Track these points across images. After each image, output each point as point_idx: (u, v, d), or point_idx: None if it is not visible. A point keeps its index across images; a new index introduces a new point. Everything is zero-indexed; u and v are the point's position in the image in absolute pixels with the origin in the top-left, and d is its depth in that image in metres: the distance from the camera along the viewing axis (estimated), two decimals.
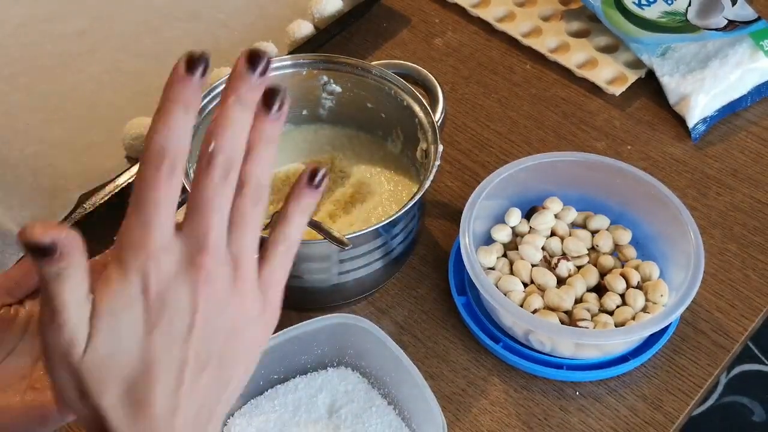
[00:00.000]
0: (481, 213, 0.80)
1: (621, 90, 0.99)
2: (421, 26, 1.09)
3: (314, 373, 0.74)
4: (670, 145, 0.95)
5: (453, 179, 0.92)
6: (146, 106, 0.98)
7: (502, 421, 0.74)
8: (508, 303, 0.73)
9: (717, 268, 0.84)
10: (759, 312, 0.81)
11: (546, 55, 1.04)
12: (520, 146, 0.95)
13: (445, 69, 1.03)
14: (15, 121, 0.98)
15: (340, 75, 0.85)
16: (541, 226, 0.82)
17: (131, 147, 0.92)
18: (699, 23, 0.99)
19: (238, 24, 1.09)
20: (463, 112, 0.99)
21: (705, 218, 0.88)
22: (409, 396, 0.71)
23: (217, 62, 1.00)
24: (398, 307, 0.82)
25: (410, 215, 0.77)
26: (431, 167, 0.75)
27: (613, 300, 0.77)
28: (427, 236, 0.87)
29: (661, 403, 0.75)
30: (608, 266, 0.80)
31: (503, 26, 1.07)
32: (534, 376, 0.77)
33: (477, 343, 0.79)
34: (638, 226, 0.82)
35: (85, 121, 0.98)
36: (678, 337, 0.79)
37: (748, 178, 0.92)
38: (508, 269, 0.80)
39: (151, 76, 1.03)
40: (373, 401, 0.73)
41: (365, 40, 1.07)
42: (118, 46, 1.07)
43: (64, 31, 1.08)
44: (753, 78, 0.97)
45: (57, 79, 1.03)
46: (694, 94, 0.95)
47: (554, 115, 0.98)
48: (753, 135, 0.96)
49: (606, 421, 0.74)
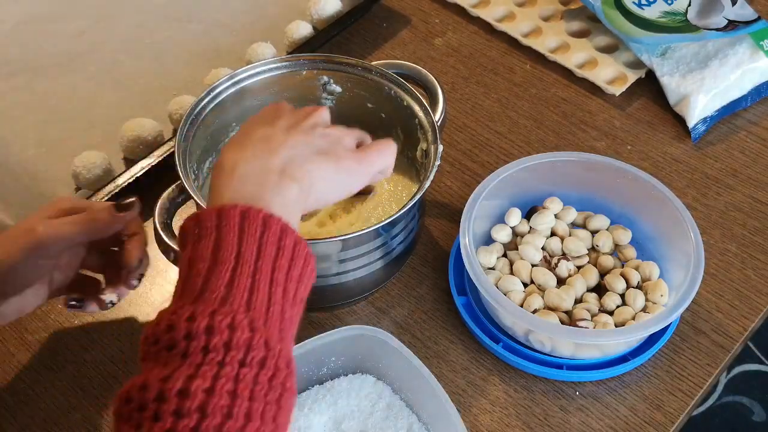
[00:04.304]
0: (481, 213, 0.80)
1: (621, 90, 0.99)
2: (421, 26, 1.09)
3: (337, 379, 0.74)
4: (670, 145, 0.95)
5: (453, 179, 0.92)
6: (145, 107, 0.98)
7: (502, 421, 0.74)
8: (508, 303, 0.73)
9: (717, 268, 0.84)
10: (759, 312, 0.81)
11: (546, 55, 1.04)
12: (520, 146, 0.95)
13: (445, 69, 1.03)
14: (14, 121, 0.98)
15: (340, 75, 0.85)
16: (541, 226, 0.82)
17: (128, 148, 0.92)
18: (699, 23, 0.99)
19: (237, 25, 1.09)
20: (463, 112, 0.99)
21: (705, 218, 0.88)
22: (432, 412, 0.70)
23: (216, 63, 1.00)
24: (398, 307, 0.82)
25: (410, 215, 0.77)
26: (431, 167, 0.75)
27: (613, 300, 0.77)
28: (427, 236, 0.87)
29: (661, 403, 0.75)
30: (608, 266, 0.80)
31: (503, 26, 1.07)
32: (534, 376, 0.77)
33: (477, 343, 0.79)
34: (638, 226, 0.82)
35: (83, 121, 0.97)
36: (678, 337, 0.79)
37: (748, 178, 0.92)
38: (508, 269, 0.80)
39: (149, 76, 1.03)
40: (395, 407, 0.73)
41: (365, 40, 1.07)
42: (118, 46, 1.07)
43: (64, 31, 1.08)
44: (753, 78, 0.97)
45: (56, 79, 1.03)
46: (694, 94, 0.95)
47: (554, 115, 0.98)
48: (753, 135, 0.96)
49: (606, 421, 0.74)
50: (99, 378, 0.77)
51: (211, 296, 0.51)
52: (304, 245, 0.57)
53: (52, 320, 0.81)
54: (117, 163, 0.92)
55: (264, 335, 0.51)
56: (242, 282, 0.52)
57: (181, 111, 0.93)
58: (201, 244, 0.54)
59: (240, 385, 0.48)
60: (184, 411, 0.46)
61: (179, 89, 0.98)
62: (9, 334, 0.80)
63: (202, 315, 0.50)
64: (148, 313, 0.82)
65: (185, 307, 0.51)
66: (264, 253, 0.54)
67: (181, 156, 0.75)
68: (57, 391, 0.77)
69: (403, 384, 0.73)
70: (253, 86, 0.83)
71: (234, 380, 0.48)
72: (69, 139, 0.95)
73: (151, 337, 0.51)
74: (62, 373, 0.78)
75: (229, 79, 0.82)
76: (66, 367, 0.78)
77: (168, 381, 0.47)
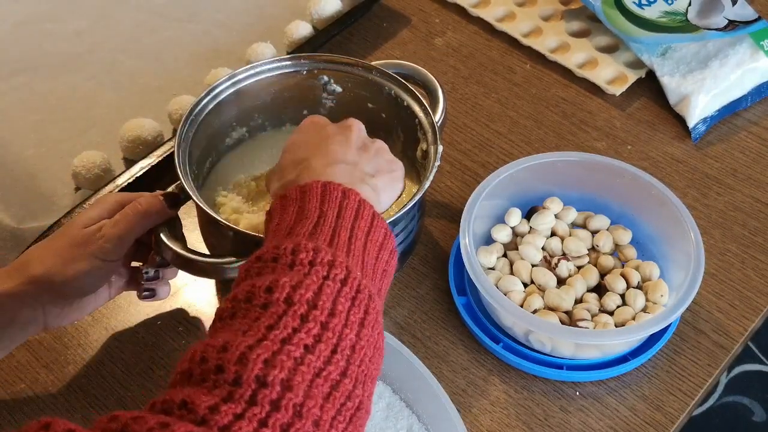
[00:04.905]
0: (481, 213, 0.80)
1: (621, 90, 0.99)
2: (421, 26, 1.09)
3: None
4: (670, 145, 0.95)
5: (453, 179, 0.92)
6: (145, 107, 0.98)
7: (502, 422, 0.74)
8: (508, 303, 0.73)
9: (717, 268, 0.84)
10: (759, 312, 0.81)
11: (546, 55, 1.03)
12: (520, 146, 0.95)
13: (445, 69, 1.03)
14: (14, 121, 0.98)
15: (340, 75, 0.85)
16: (541, 226, 0.82)
17: (128, 148, 0.91)
18: (699, 23, 0.99)
19: (236, 24, 1.09)
20: (463, 112, 0.99)
21: (705, 218, 0.88)
22: (432, 412, 0.70)
23: (216, 63, 1.00)
24: (398, 307, 0.82)
25: (410, 215, 0.77)
26: (431, 168, 0.74)
27: (613, 300, 0.77)
28: (427, 236, 0.87)
29: (661, 403, 0.75)
30: (608, 266, 0.80)
31: (503, 26, 1.07)
32: (534, 377, 0.77)
33: (477, 343, 0.79)
34: (638, 226, 0.82)
35: (83, 121, 0.97)
36: (678, 337, 0.79)
37: (748, 178, 0.92)
38: (508, 269, 0.80)
39: (149, 76, 1.03)
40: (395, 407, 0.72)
41: (365, 40, 1.07)
42: (117, 46, 1.07)
43: (64, 31, 1.08)
44: (753, 78, 0.97)
45: (55, 79, 1.02)
46: (695, 94, 0.95)
47: (554, 115, 0.98)
48: (753, 135, 0.96)
49: (606, 421, 0.74)
50: (99, 378, 0.77)
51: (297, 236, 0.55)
52: (383, 220, 0.60)
53: None
54: (117, 163, 0.92)
55: (345, 263, 0.54)
56: (324, 230, 0.56)
57: (181, 111, 0.92)
58: (286, 212, 0.59)
59: (322, 295, 0.51)
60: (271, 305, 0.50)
61: (179, 89, 0.98)
62: None
63: (288, 242, 0.54)
64: (149, 314, 0.82)
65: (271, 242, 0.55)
66: (344, 214, 0.58)
67: (181, 156, 0.75)
68: (57, 391, 0.77)
69: (403, 384, 0.73)
70: (253, 86, 0.83)
71: (316, 291, 0.51)
72: (69, 139, 0.95)
73: (242, 267, 0.55)
74: (62, 373, 0.78)
75: (229, 79, 0.82)
76: (66, 367, 0.78)
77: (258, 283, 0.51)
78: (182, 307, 0.82)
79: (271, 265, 0.53)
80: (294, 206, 0.58)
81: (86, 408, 0.75)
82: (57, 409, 0.75)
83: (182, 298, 0.83)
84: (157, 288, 0.76)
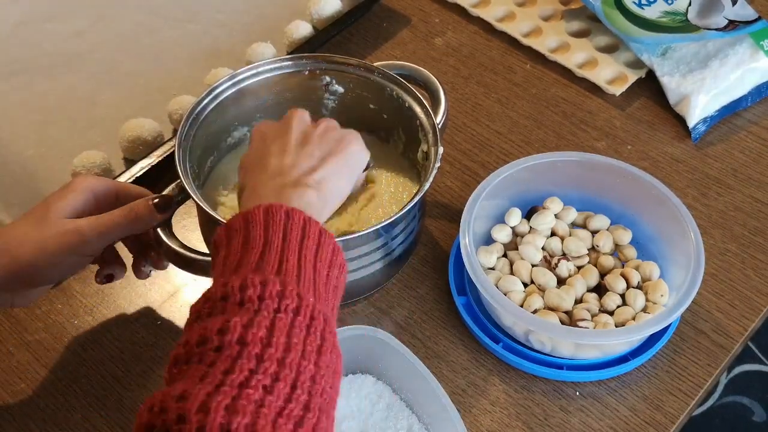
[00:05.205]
0: (481, 213, 0.80)
1: (621, 90, 0.99)
2: (421, 26, 1.09)
3: None
4: (670, 145, 0.95)
5: (453, 179, 0.92)
6: (144, 107, 0.98)
7: (502, 422, 0.74)
8: (508, 303, 0.73)
9: (717, 268, 0.84)
10: (759, 312, 0.81)
11: (546, 55, 1.04)
12: (520, 146, 0.95)
13: (445, 69, 1.03)
14: (14, 121, 0.98)
15: (341, 75, 0.85)
16: (541, 226, 0.82)
17: (128, 148, 0.92)
18: (699, 23, 0.99)
19: (236, 24, 1.09)
20: (463, 112, 0.99)
21: (705, 218, 0.88)
22: (432, 412, 0.70)
23: (216, 63, 1.00)
24: (398, 307, 0.82)
25: (410, 216, 0.77)
26: (431, 169, 0.74)
27: (614, 300, 0.77)
28: (427, 236, 0.87)
29: (661, 403, 0.75)
30: (608, 266, 0.80)
31: (503, 26, 1.07)
32: (534, 377, 0.77)
33: (477, 343, 0.79)
34: (638, 226, 0.82)
35: (83, 121, 0.97)
36: (678, 337, 0.79)
37: (748, 178, 0.92)
38: (508, 269, 0.80)
39: (149, 76, 1.03)
40: (395, 407, 0.72)
41: (365, 40, 1.07)
42: (117, 46, 1.07)
43: (64, 31, 1.08)
44: (753, 78, 0.97)
45: (56, 79, 1.02)
46: (695, 94, 0.95)
47: (554, 115, 0.98)
48: (753, 135, 0.96)
49: (606, 421, 0.74)
50: (99, 378, 0.77)
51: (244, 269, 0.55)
52: (331, 236, 0.59)
53: (52, 320, 0.81)
54: (117, 163, 0.92)
55: (296, 290, 0.53)
56: (271, 258, 0.55)
57: (181, 111, 0.92)
58: (232, 244, 0.58)
59: (275, 330, 0.50)
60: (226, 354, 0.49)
61: (179, 89, 0.98)
62: (9, 334, 0.80)
63: (235, 279, 0.53)
64: (148, 314, 0.82)
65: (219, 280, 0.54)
66: (290, 237, 0.57)
67: (181, 156, 0.75)
68: (57, 391, 0.77)
69: (403, 384, 0.73)
70: (254, 86, 0.83)
71: (268, 327, 0.50)
72: (68, 139, 0.95)
73: (193, 308, 0.54)
74: (62, 373, 0.78)
75: (230, 79, 0.82)
76: (66, 367, 0.78)
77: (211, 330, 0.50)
78: (182, 307, 0.82)
79: (221, 304, 0.52)
80: (239, 237, 0.57)
81: (86, 408, 0.75)
82: (57, 409, 0.75)
83: (182, 298, 0.83)
84: (114, 272, 0.77)
